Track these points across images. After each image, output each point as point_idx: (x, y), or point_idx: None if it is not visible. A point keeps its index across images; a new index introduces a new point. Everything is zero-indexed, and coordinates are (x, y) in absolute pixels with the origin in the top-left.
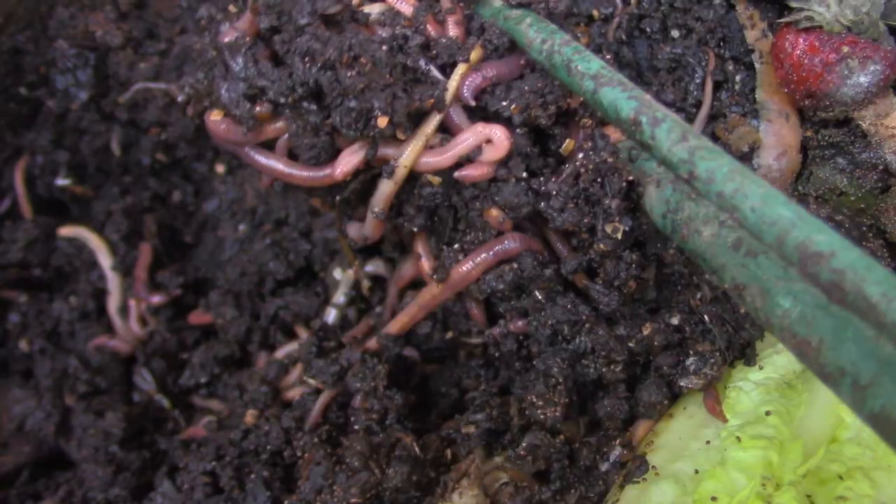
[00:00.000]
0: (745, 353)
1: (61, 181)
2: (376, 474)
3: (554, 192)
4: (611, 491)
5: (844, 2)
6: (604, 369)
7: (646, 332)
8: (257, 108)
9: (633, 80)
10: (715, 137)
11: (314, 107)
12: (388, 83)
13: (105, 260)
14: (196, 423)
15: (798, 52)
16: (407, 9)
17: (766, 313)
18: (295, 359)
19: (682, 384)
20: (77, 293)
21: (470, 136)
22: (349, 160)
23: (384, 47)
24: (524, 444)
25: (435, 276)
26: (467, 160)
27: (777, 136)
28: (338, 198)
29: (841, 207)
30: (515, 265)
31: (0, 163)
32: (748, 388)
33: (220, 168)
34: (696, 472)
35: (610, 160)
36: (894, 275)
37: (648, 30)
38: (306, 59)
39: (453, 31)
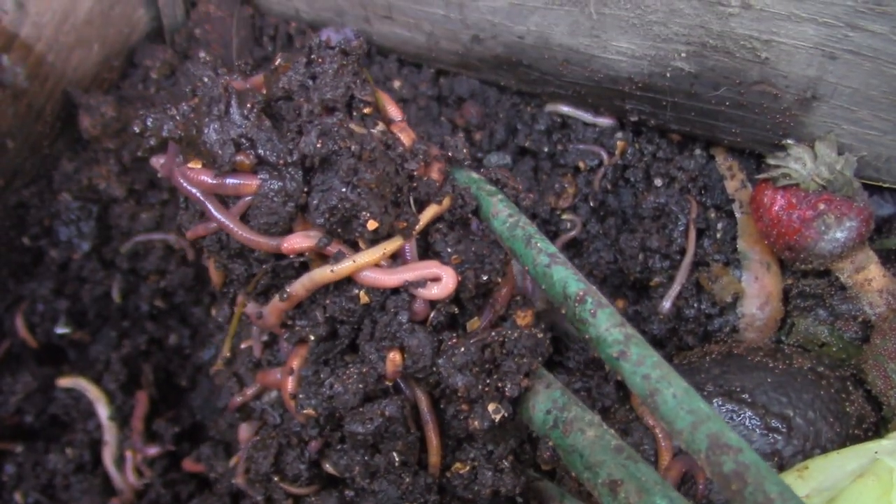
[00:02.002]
0: None
1: (61, 329)
2: None
3: (461, 350)
4: None
5: (819, 159)
6: None
7: None
8: (240, 157)
9: (618, 227)
10: (699, 287)
11: (299, 176)
12: (384, 195)
13: (102, 410)
14: None
15: (776, 208)
16: (407, 139)
17: None
18: None
19: None
20: (73, 444)
21: (424, 267)
22: (301, 241)
23: (395, 162)
24: None
25: (293, 402)
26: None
27: (759, 285)
28: (265, 267)
29: (823, 358)
30: (388, 412)
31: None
32: None
33: (217, 312)
34: None
35: (526, 341)
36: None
37: (632, 179)
38: (323, 136)
39: (435, 175)
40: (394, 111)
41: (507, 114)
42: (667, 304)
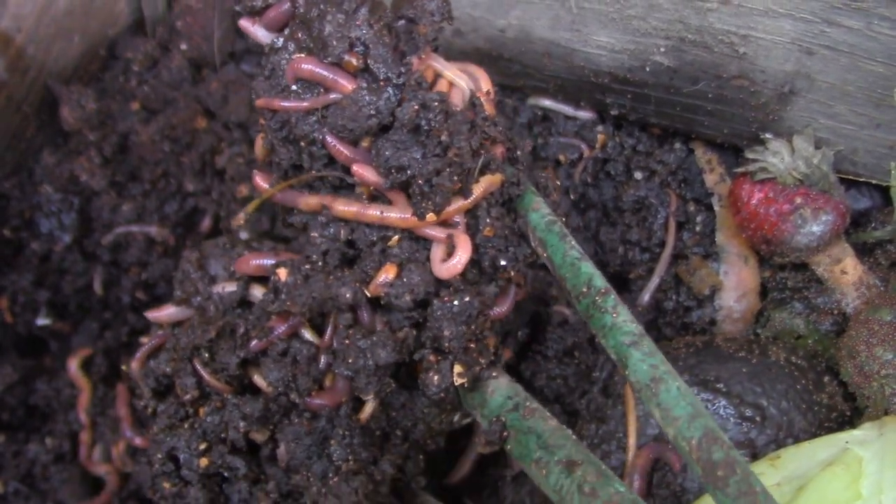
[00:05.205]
0: None
1: (42, 321)
2: None
3: (465, 300)
4: None
5: (797, 154)
6: None
7: None
8: (349, 57)
9: (598, 220)
10: (678, 279)
11: (394, 101)
12: (455, 183)
13: (85, 401)
14: None
15: (754, 201)
16: (490, 110)
17: (594, 486)
18: None
19: None
20: (53, 434)
21: (458, 238)
22: (371, 175)
23: (477, 129)
24: None
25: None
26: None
27: (737, 278)
28: (315, 171)
29: (798, 350)
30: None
31: None
32: None
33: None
34: None
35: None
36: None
37: (613, 172)
38: (423, 109)
39: (499, 154)
40: (486, 82)
41: None
42: (646, 297)
